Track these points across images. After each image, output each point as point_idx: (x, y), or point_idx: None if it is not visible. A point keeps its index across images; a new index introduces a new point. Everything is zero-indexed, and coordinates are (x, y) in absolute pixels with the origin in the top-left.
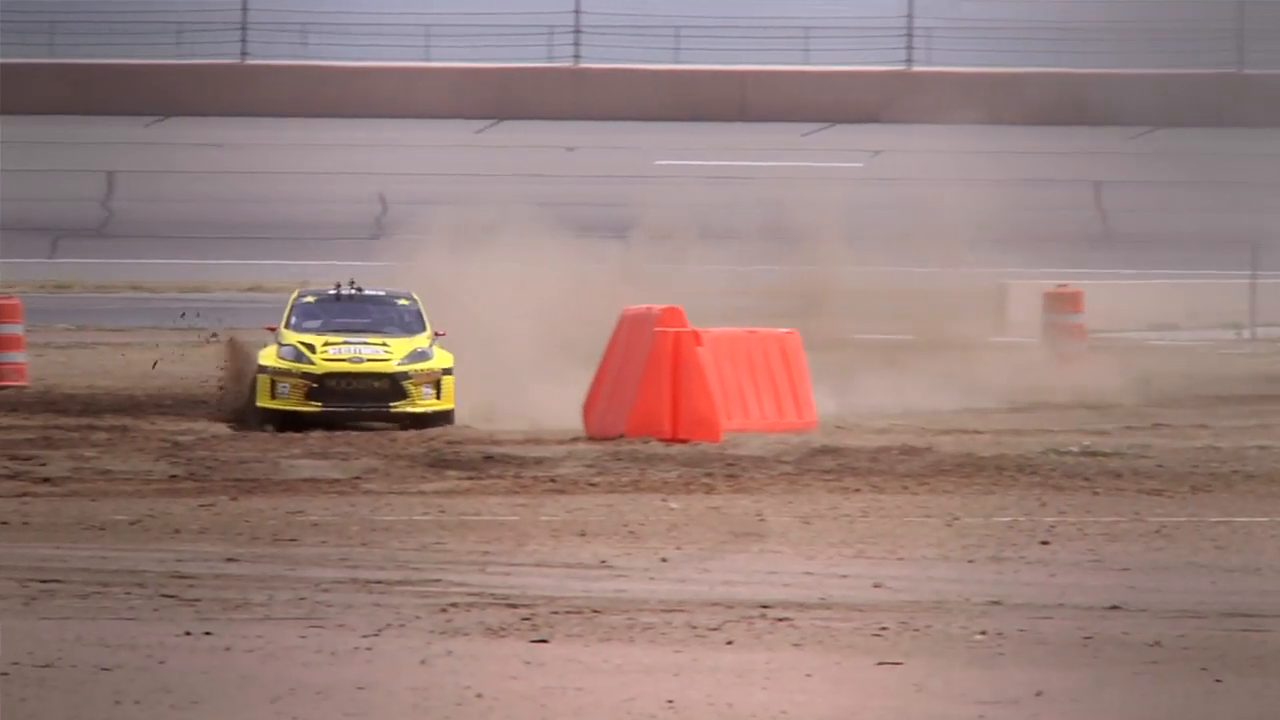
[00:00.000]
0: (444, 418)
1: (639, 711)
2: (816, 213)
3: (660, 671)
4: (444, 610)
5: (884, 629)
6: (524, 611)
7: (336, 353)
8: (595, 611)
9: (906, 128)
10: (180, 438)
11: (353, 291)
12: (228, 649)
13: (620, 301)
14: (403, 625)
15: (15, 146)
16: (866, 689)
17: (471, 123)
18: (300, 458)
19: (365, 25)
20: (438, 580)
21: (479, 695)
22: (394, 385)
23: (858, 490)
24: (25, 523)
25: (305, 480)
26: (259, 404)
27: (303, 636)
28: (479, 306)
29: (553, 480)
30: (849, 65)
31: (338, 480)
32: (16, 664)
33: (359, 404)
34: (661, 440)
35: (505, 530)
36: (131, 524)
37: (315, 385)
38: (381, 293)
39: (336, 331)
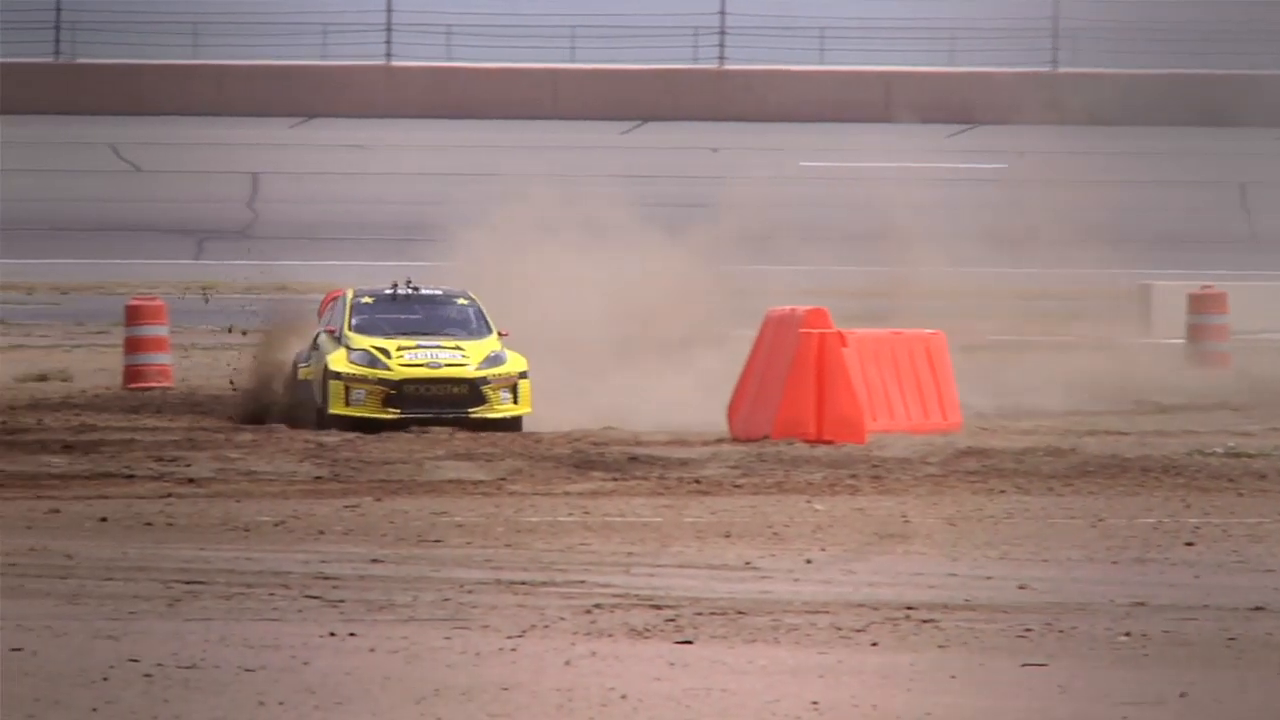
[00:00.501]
0: (519, 423)
1: (783, 713)
2: (957, 213)
3: (805, 673)
4: (588, 611)
5: (1028, 630)
6: (668, 613)
7: (413, 358)
8: (740, 613)
9: (1050, 129)
10: (325, 439)
11: (409, 291)
12: (372, 650)
13: (712, 302)
14: (547, 626)
15: (162, 148)
16: (1010, 690)
17: (616, 124)
18: (445, 459)
19: (509, 27)
20: (582, 581)
21: (623, 696)
22: (473, 390)
23: (1002, 491)
24: (170, 524)
25: (450, 481)
26: (331, 410)
27: (447, 638)
28: (548, 306)
29: (697, 482)
30: (993, 67)
31: (482, 481)
32: (161, 665)
33: (437, 410)
34: (806, 441)
35: (649, 532)
36: (276, 525)
37: (393, 392)
38: (438, 292)
39: (404, 334)
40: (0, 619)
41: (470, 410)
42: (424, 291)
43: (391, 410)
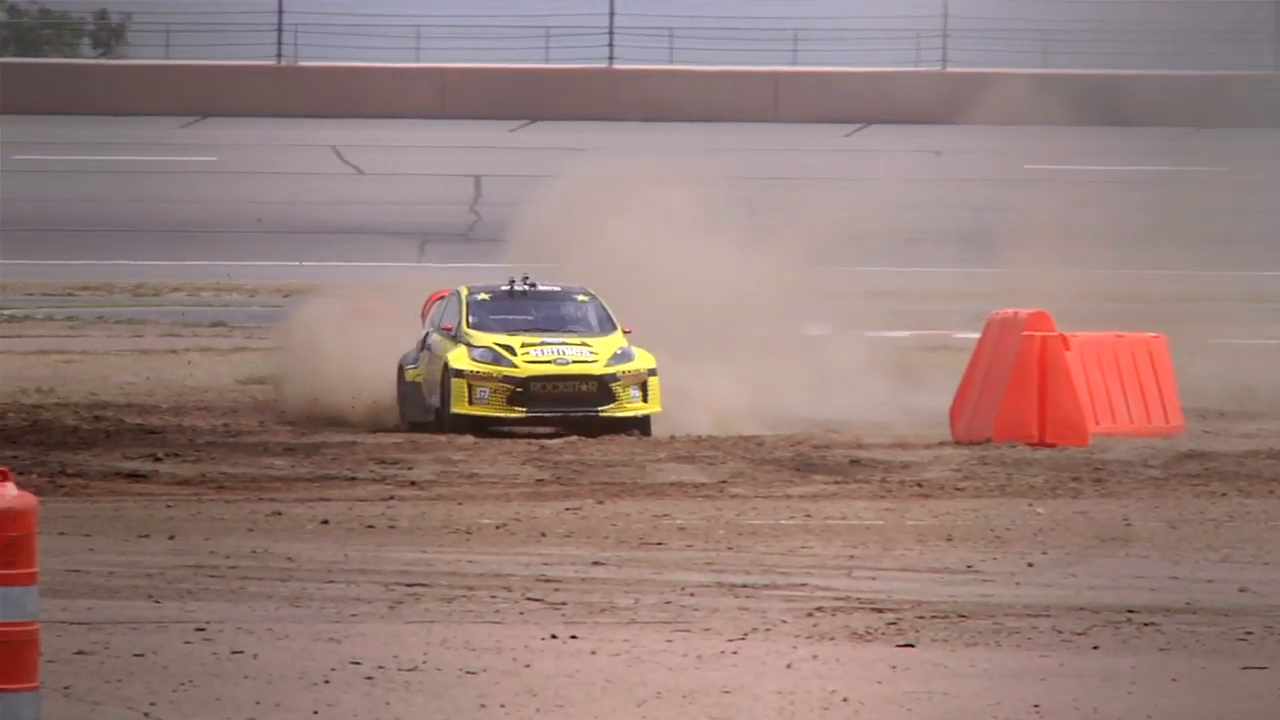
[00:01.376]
0: (648, 423)
1: (1005, 716)
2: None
3: (1026, 676)
4: (810, 614)
5: (1249, 634)
6: (889, 616)
7: (539, 354)
8: (961, 616)
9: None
10: (547, 441)
11: (526, 288)
12: (593, 653)
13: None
14: (769, 629)
15: (383, 150)
16: (1232, 694)
17: (840, 126)
18: (666, 461)
19: (732, 30)
20: (804, 584)
21: (844, 699)
22: (602, 388)
23: (1224, 495)
24: (391, 526)
25: (671, 484)
26: (454, 410)
27: (669, 640)
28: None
29: (919, 485)
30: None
31: (704, 484)
32: (382, 668)
33: (565, 408)
34: (1028, 444)
35: (871, 534)
36: (497, 528)
37: (519, 390)
38: (557, 288)
39: (526, 331)
40: (221, 621)
41: (599, 409)
42: (542, 288)
43: (517, 409)
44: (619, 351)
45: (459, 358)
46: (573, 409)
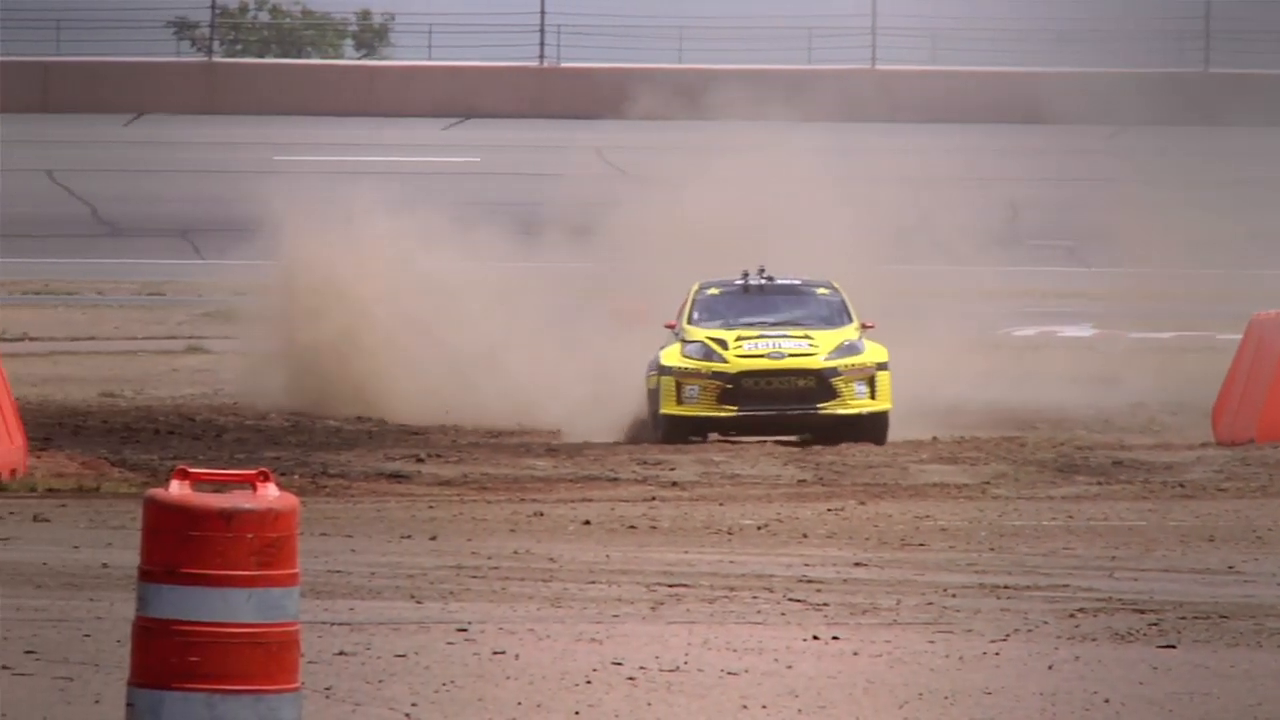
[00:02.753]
0: (879, 421)
1: (1266, 717)
2: None
3: None
4: (1071, 615)
5: None
6: (1151, 617)
7: (752, 348)
8: (1223, 617)
9: None
10: (808, 442)
11: (763, 281)
12: (855, 653)
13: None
14: (1030, 630)
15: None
16: None
17: (1101, 128)
18: (929, 462)
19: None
20: (1065, 585)
21: (1106, 700)
22: (821, 383)
23: None
24: (653, 527)
25: (934, 485)
26: (662, 410)
27: (930, 641)
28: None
29: (1181, 485)
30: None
31: (966, 485)
32: (644, 668)
33: (781, 406)
34: None
35: (1133, 535)
36: (759, 528)
37: (729, 386)
38: (797, 282)
39: (748, 325)
40: (483, 622)
41: (818, 406)
42: (779, 281)
43: (728, 408)
44: (844, 344)
45: (670, 354)
46: (789, 406)
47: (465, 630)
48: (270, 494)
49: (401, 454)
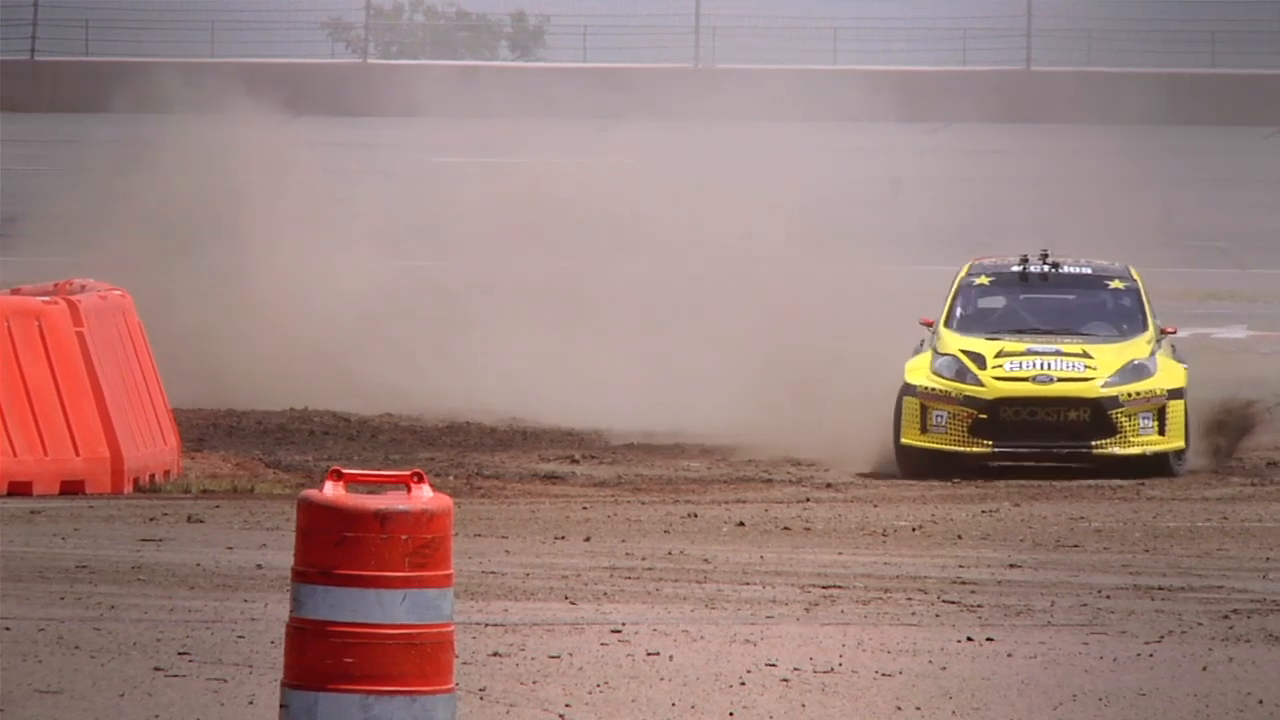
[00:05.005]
0: (1167, 461)
1: None
2: None
3: None
4: (1226, 617)
5: None
6: None
7: (1014, 368)
8: None
9: None
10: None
11: (1045, 268)
12: (1009, 655)
13: None
14: (1184, 632)
15: (802, 152)
16: None
17: (1259, 129)
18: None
19: (1146, 32)
20: (1220, 587)
21: (1260, 702)
22: (1097, 415)
23: None
24: (807, 528)
25: (1088, 486)
26: (903, 439)
27: (1084, 643)
28: None
29: None
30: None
31: (1121, 486)
32: (798, 670)
33: (1046, 442)
34: None
35: None
36: (913, 530)
37: (984, 416)
38: (1088, 270)
39: (1019, 332)
40: (637, 623)
41: (1093, 444)
42: (1066, 269)
43: (981, 443)
44: (1131, 364)
45: (917, 369)
46: (1055, 444)
47: (619, 631)
48: (425, 495)
49: (556, 455)
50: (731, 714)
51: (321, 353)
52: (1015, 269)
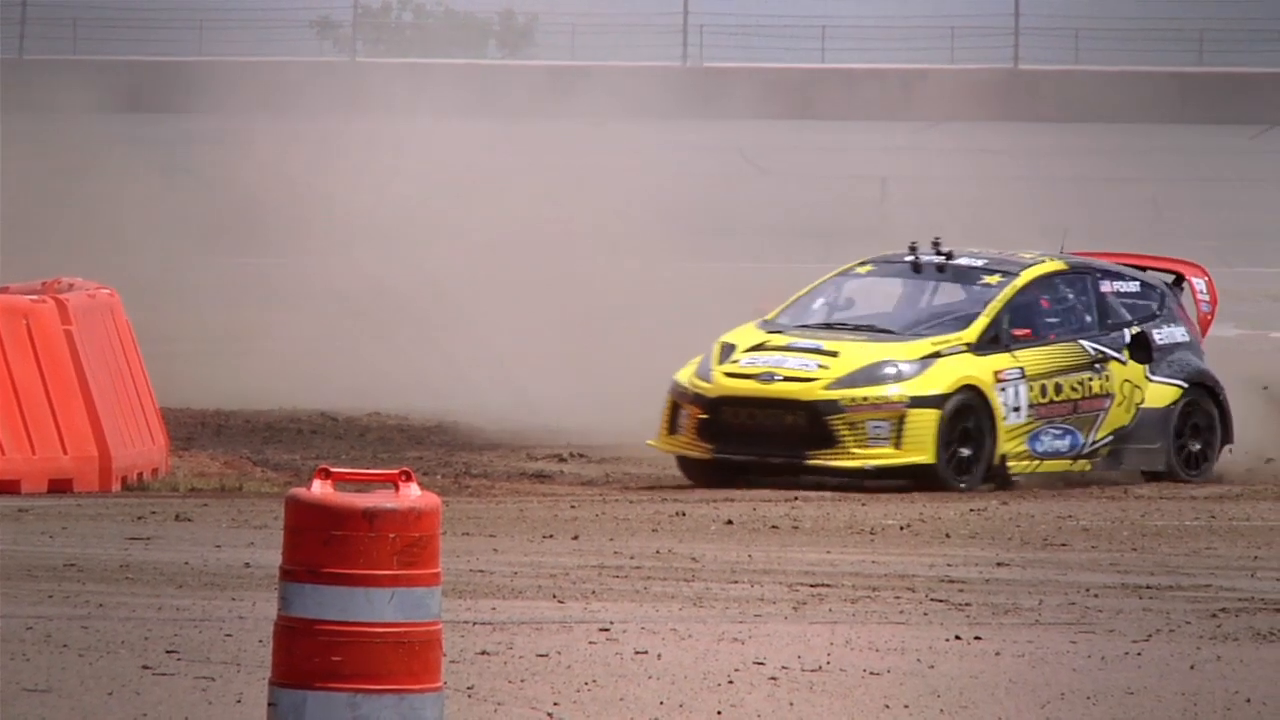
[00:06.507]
0: (904, 476)
1: None
2: None
3: None
4: (1214, 615)
5: None
6: None
7: (749, 364)
8: None
9: None
10: None
11: (939, 259)
12: (997, 654)
13: None
14: (1172, 630)
15: (788, 151)
16: None
17: (1247, 129)
18: None
19: (1135, 31)
20: (1208, 585)
21: (1248, 701)
22: (813, 422)
23: None
24: (795, 527)
25: (1076, 486)
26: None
27: (1073, 642)
28: None
29: None
30: None
31: (1110, 484)
32: (786, 668)
33: (763, 449)
34: None
35: (1276, 535)
36: (902, 528)
37: (705, 416)
38: (978, 262)
39: (828, 327)
40: (625, 621)
41: (807, 453)
42: (959, 261)
43: (704, 445)
44: (875, 365)
45: (688, 368)
46: (771, 452)
47: (607, 630)
48: (413, 493)
49: (544, 454)
50: (719, 712)
51: (310, 351)
52: (909, 259)
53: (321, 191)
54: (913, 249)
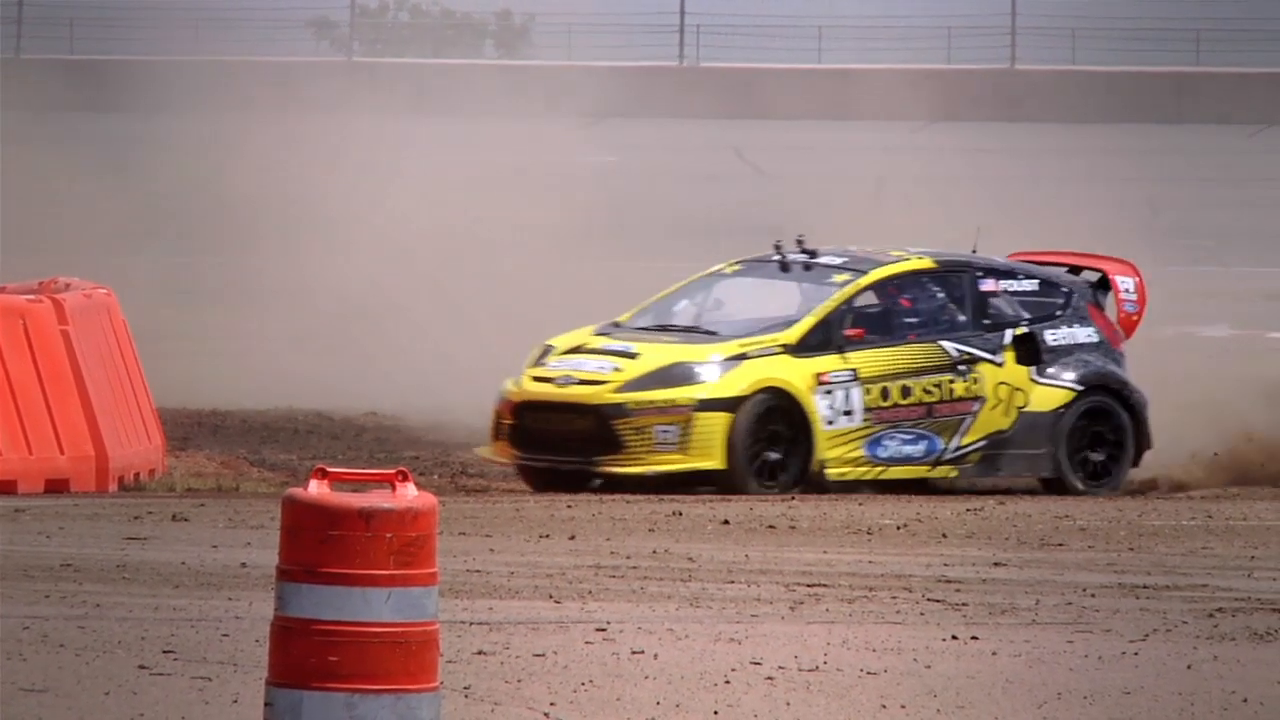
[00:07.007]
0: (699, 481)
1: None
2: None
3: None
4: (1210, 615)
5: None
6: None
7: (555, 367)
8: None
9: None
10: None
11: (802, 258)
12: (994, 653)
13: None
14: (1169, 630)
15: (784, 151)
16: None
17: (1244, 128)
18: None
19: (1133, 30)
20: (1204, 585)
21: (1244, 700)
22: (600, 426)
23: None
24: (792, 527)
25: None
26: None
27: (1069, 641)
28: None
29: None
30: None
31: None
32: (782, 668)
33: (558, 455)
34: None
35: (1273, 535)
36: (899, 528)
37: (511, 421)
38: (837, 261)
39: (664, 329)
40: (622, 621)
41: (595, 459)
42: (822, 259)
43: (511, 451)
44: (670, 367)
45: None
46: (562, 458)
47: (604, 630)
48: (409, 493)
49: None
50: (716, 712)
51: (306, 351)
52: (775, 258)
53: (319, 191)
54: (777, 248)
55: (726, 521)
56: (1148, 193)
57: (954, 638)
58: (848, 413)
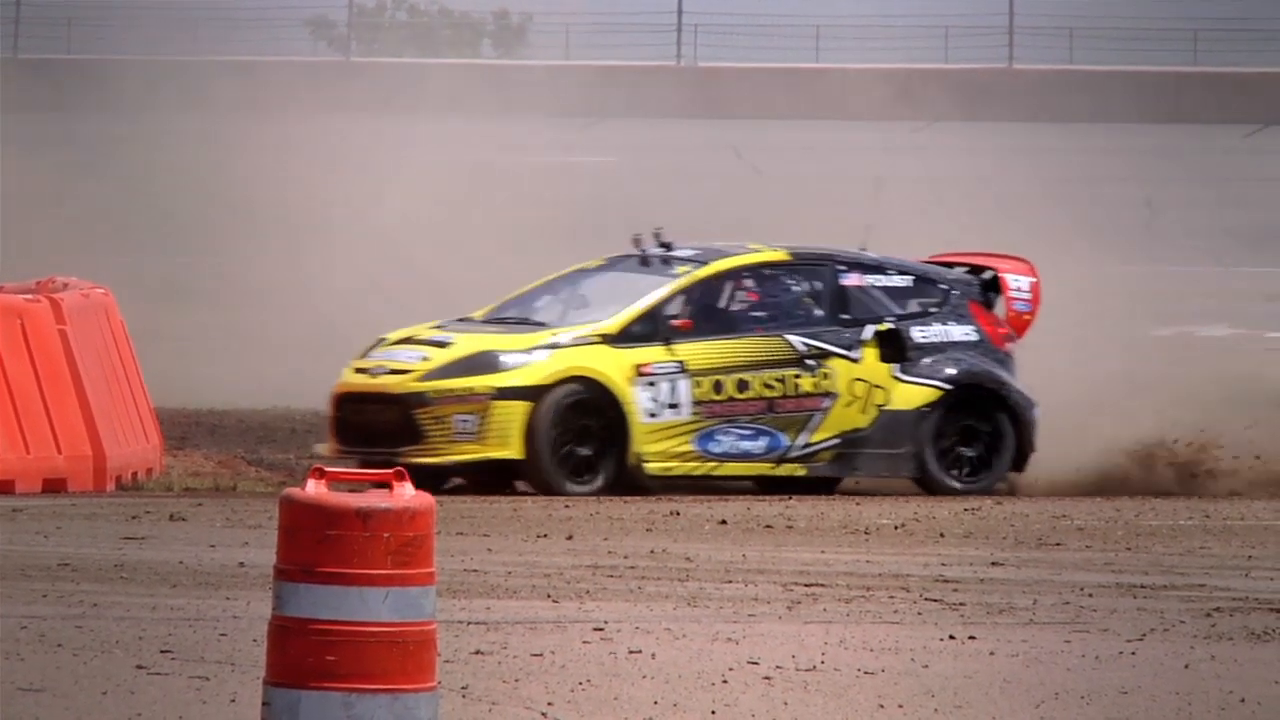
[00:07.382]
0: (496, 473)
1: None
2: None
3: None
4: (1208, 615)
5: None
6: None
7: (376, 357)
8: None
9: None
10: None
11: (660, 253)
12: (992, 653)
13: None
14: (1166, 630)
15: (782, 151)
16: None
17: (1240, 127)
18: None
19: (1131, 30)
20: (1202, 585)
21: (1242, 700)
22: (403, 416)
23: None
24: (789, 526)
25: (1068, 484)
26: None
27: (1067, 641)
28: None
29: None
30: None
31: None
32: (780, 668)
33: (370, 447)
34: None
35: (1270, 535)
36: (896, 528)
37: (335, 415)
38: (690, 252)
39: (512, 321)
40: (619, 621)
41: (400, 450)
42: (678, 254)
43: (336, 445)
44: (475, 355)
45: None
46: (375, 450)
47: (601, 629)
48: (407, 493)
49: None
50: (713, 712)
51: (303, 351)
52: (636, 254)
53: (317, 190)
54: (636, 242)
55: (724, 521)
56: (1145, 192)
57: (951, 637)
58: (673, 405)
